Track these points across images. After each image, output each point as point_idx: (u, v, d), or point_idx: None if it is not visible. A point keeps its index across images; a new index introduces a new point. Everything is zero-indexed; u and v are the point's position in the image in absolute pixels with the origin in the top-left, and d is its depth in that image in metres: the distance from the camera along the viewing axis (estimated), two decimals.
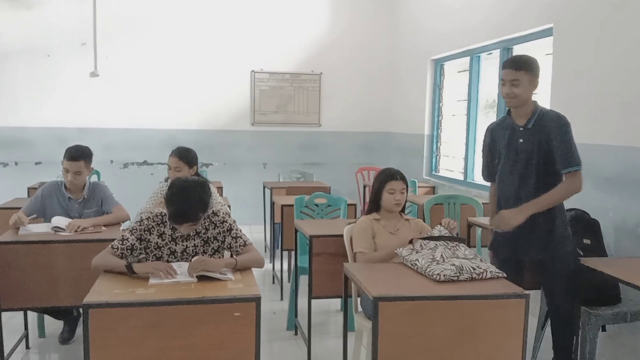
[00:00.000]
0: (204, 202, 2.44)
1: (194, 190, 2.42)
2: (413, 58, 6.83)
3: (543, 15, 4.25)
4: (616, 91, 3.54)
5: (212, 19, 7.06)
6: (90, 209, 3.50)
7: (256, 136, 7.37)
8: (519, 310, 2.18)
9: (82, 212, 3.46)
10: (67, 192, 3.45)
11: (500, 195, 3.03)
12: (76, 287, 2.97)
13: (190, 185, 2.45)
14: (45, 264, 2.93)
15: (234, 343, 2.07)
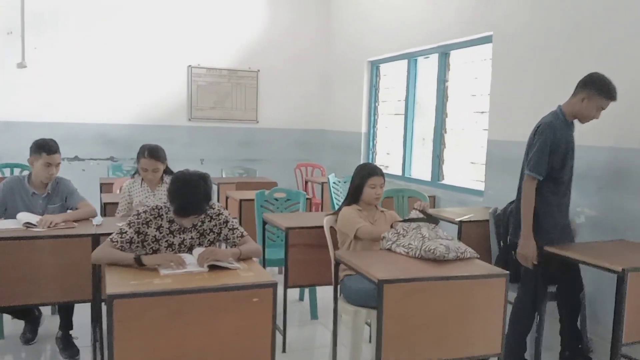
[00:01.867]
0: (207, 194, 2.50)
1: (197, 183, 2.48)
2: (350, 59, 7.10)
3: (483, 24, 4.65)
4: (551, 94, 3.95)
5: (149, 11, 6.91)
6: (55, 204, 3.39)
7: (193, 132, 7.30)
8: (501, 287, 2.46)
9: (45, 207, 3.35)
10: (31, 187, 3.32)
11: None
12: (55, 284, 2.92)
13: (194, 179, 2.49)
14: (22, 261, 2.84)
15: (252, 328, 2.17)
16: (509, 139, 4.38)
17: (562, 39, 3.86)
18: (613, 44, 3.48)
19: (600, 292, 3.43)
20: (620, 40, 3.43)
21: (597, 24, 3.59)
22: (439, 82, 5.42)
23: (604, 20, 3.54)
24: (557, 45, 3.91)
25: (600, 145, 3.52)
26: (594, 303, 3.51)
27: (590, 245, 3.12)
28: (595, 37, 3.61)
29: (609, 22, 3.50)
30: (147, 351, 2.04)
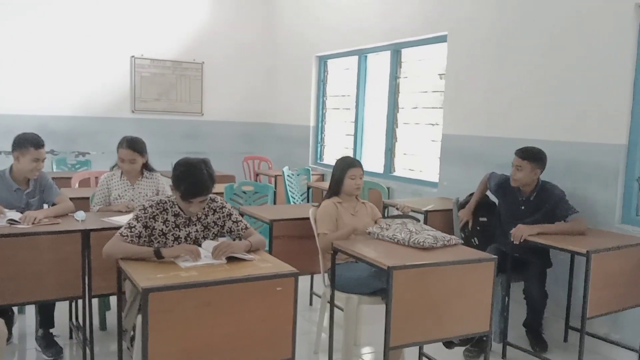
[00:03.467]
0: (211, 175, 2.54)
1: (200, 165, 2.52)
2: (297, 53, 7.20)
3: (438, 24, 4.93)
4: (504, 92, 4.32)
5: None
6: (35, 197, 3.28)
7: (137, 124, 7.08)
8: (489, 271, 2.71)
9: (27, 202, 3.23)
10: (14, 182, 3.17)
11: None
12: (44, 281, 2.84)
13: (196, 162, 2.54)
14: (8, 259, 2.73)
15: (276, 315, 2.26)
16: (462, 133, 4.70)
17: (514, 39, 4.20)
18: (561, 44, 3.84)
19: (552, 274, 3.80)
20: (567, 40, 3.80)
21: (546, 25, 3.94)
22: (391, 78, 5.67)
23: (552, 22, 3.90)
24: (509, 46, 4.24)
25: (558, 139, 3.88)
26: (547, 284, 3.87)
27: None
28: (544, 37, 3.96)
29: (557, 24, 3.87)
30: (178, 341, 2.08)
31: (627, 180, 3.51)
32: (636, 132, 3.46)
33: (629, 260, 3.18)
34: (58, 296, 2.94)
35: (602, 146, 3.60)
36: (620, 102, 3.50)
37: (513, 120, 4.24)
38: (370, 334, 3.56)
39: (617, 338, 3.50)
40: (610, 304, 3.14)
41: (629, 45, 3.44)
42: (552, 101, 3.93)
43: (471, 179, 4.47)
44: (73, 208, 3.30)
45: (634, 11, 3.41)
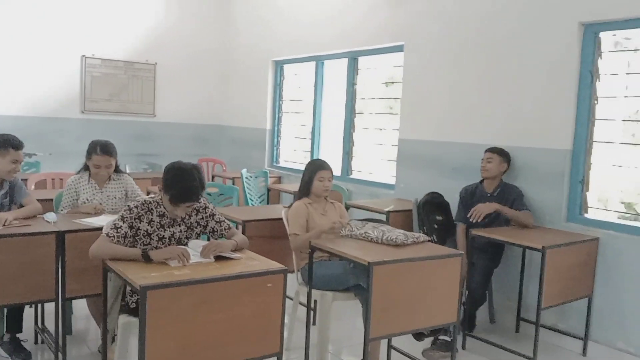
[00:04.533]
0: (202, 181, 2.60)
1: (191, 171, 2.58)
2: (253, 58, 7.24)
3: (394, 34, 5.15)
4: (458, 100, 4.58)
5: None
6: (6, 198, 3.20)
7: (87, 125, 6.92)
8: (457, 265, 2.91)
9: (1, 203, 3.16)
10: None
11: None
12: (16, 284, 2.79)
13: (188, 167, 2.59)
14: None
15: (266, 311, 2.35)
16: (418, 138, 4.93)
17: (467, 50, 4.47)
18: (512, 56, 4.14)
19: (504, 269, 4.08)
20: (517, 53, 4.09)
21: (497, 38, 4.23)
22: (348, 84, 5.85)
23: (502, 35, 4.19)
24: (462, 56, 4.51)
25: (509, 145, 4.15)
26: (498, 279, 4.14)
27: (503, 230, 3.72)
28: (496, 49, 4.24)
29: (508, 38, 4.16)
30: (175, 337, 2.13)
31: (572, 183, 3.83)
32: (580, 138, 3.79)
33: (576, 256, 3.48)
34: (30, 299, 2.91)
35: (549, 151, 3.91)
36: (566, 111, 3.81)
37: (466, 126, 4.51)
38: (338, 330, 3.69)
39: (563, 327, 3.81)
40: (561, 296, 3.43)
41: (573, 59, 3.76)
42: (504, 109, 4.22)
43: (426, 181, 4.73)
44: (41, 209, 3.25)
45: (577, 28, 3.74)
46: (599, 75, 3.73)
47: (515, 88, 4.13)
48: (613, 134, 3.74)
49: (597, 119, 3.76)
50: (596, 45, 3.72)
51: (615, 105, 3.71)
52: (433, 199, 4.36)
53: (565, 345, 3.76)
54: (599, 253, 3.61)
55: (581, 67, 3.76)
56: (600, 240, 3.61)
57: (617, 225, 3.63)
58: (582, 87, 3.76)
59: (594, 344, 3.64)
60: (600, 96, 3.73)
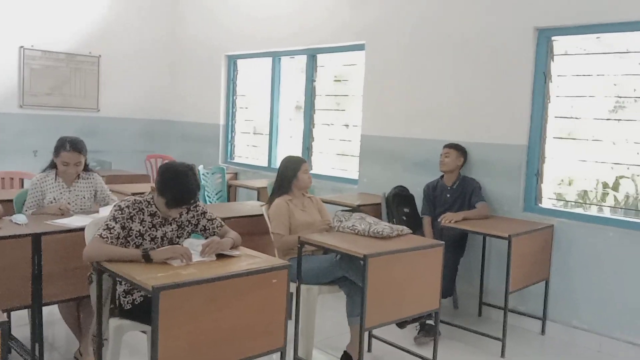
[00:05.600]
0: (198, 183, 2.58)
1: (187, 173, 2.54)
2: (204, 52, 7.12)
3: (355, 33, 5.24)
4: (419, 97, 4.76)
5: None
6: None
7: (26, 120, 6.56)
8: (439, 255, 3.07)
9: None
10: None
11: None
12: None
13: (183, 169, 2.55)
14: None
15: (271, 306, 2.39)
16: (380, 134, 5.08)
17: (428, 49, 4.65)
18: (471, 56, 4.36)
19: (466, 257, 4.30)
20: (476, 53, 4.32)
21: (457, 38, 4.43)
22: (307, 81, 5.90)
23: (462, 35, 4.40)
24: (423, 55, 4.69)
25: (468, 141, 4.37)
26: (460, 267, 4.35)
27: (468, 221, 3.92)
28: (456, 49, 4.45)
29: (467, 38, 4.37)
30: (187, 336, 2.13)
31: (528, 175, 4.10)
32: (535, 134, 4.06)
33: (535, 243, 3.75)
34: (3, 307, 2.75)
35: (506, 147, 4.17)
36: (521, 109, 4.08)
37: (428, 123, 4.70)
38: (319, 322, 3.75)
39: (523, 309, 4.08)
40: (524, 280, 3.69)
41: (528, 60, 4.03)
42: (463, 106, 4.44)
43: (389, 176, 4.88)
44: (2, 211, 3.07)
45: (532, 33, 4.00)
46: (551, 77, 4.00)
47: (474, 87, 4.35)
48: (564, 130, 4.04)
49: (550, 117, 4.04)
50: (549, 49, 3.99)
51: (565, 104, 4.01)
52: (400, 192, 4.52)
53: (526, 325, 4.04)
54: (554, 239, 3.91)
55: (535, 68, 4.03)
56: (554, 228, 3.90)
57: (570, 213, 3.94)
58: (537, 87, 4.03)
59: (551, 323, 3.95)
60: (552, 95, 4.02)
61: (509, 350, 3.59)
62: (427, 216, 4.25)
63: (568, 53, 4.01)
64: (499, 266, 4.06)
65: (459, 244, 4.14)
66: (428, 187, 4.33)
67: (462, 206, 4.09)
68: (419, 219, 4.40)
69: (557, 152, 4.04)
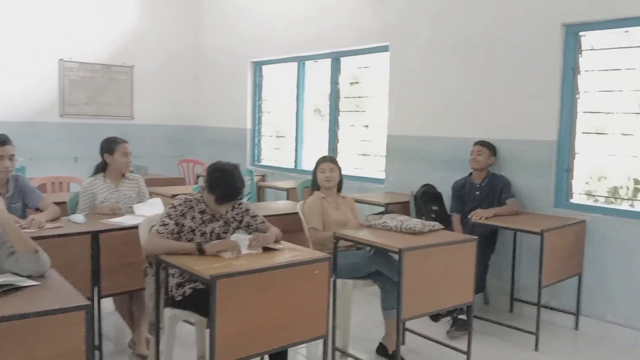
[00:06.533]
0: (243, 181, 2.74)
1: (234, 171, 2.71)
2: (230, 58, 7.33)
3: (380, 34, 5.37)
4: (445, 95, 4.85)
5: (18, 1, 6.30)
6: (16, 203, 3.21)
7: (66, 128, 6.85)
8: (472, 249, 3.16)
9: (9, 206, 3.14)
10: None
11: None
12: None
13: (231, 168, 2.72)
14: None
15: (314, 295, 2.51)
16: (407, 133, 5.19)
17: (453, 49, 4.75)
18: (498, 55, 4.44)
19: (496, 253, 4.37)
20: (502, 51, 4.40)
21: (483, 36, 4.52)
22: (332, 84, 6.04)
23: (488, 33, 4.48)
24: (448, 55, 4.79)
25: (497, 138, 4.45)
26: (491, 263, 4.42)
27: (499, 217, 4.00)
28: (482, 47, 4.54)
29: (494, 36, 4.46)
30: (240, 322, 2.28)
31: (559, 171, 4.16)
32: (564, 130, 4.12)
33: (567, 237, 3.81)
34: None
35: (536, 143, 4.23)
36: (550, 104, 4.14)
37: (454, 121, 4.79)
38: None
39: (555, 305, 4.13)
40: (556, 275, 3.74)
41: (556, 56, 4.09)
42: (491, 104, 4.51)
43: (416, 175, 4.98)
44: (59, 213, 3.27)
45: (559, 28, 4.07)
46: (579, 72, 4.07)
47: (502, 85, 4.43)
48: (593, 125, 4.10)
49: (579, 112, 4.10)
50: (577, 44, 4.05)
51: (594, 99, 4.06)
52: (429, 190, 4.62)
53: (559, 320, 4.09)
54: (587, 234, 3.95)
55: (564, 64, 4.09)
56: (587, 223, 3.95)
57: (602, 208, 3.99)
58: (565, 82, 4.09)
59: (585, 318, 3.98)
60: (581, 91, 4.08)
61: (542, 344, 3.64)
62: (457, 214, 4.33)
63: (596, 48, 4.06)
64: (530, 262, 4.12)
65: (489, 241, 4.21)
66: (456, 184, 4.41)
67: (492, 203, 4.16)
68: (447, 216, 4.49)
69: (587, 147, 4.09)
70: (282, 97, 6.88)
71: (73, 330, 1.75)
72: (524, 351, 3.63)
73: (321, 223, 3.52)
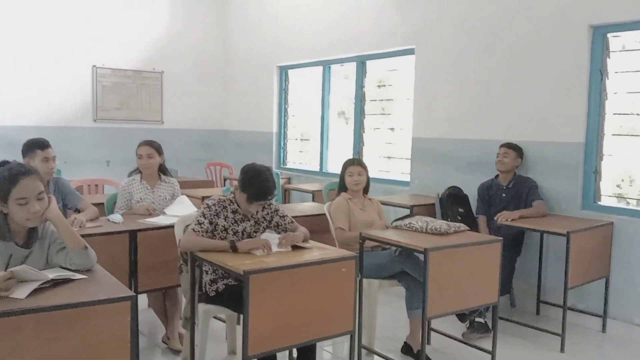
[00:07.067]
0: (274, 182, 2.85)
1: (267, 173, 2.82)
2: (257, 63, 7.47)
3: (405, 37, 5.43)
4: (470, 98, 4.88)
5: (52, 9, 6.56)
6: (57, 204, 3.35)
7: (99, 133, 7.07)
8: (497, 250, 3.19)
9: None
10: None
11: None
12: None
13: (263, 169, 2.84)
14: None
15: (341, 292, 2.59)
16: (432, 136, 5.23)
17: (478, 52, 4.78)
18: (523, 57, 4.46)
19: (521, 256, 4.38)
20: (528, 53, 4.42)
21: (509, 39, 4.55)
22: (357, 87, 6.12)
23: (515, 35, 4.51)
24: (474, 58, 4.82)
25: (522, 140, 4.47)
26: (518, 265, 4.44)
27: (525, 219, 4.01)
28: (507, 50, 4.56)
29: (519, 38, 4.48)
30: (271, 316, 2.38)
31: (586, 173, 4.16)
32: (592, 132, 4.11)
33: (594, 239, 3.81)
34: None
35: (563, 144, 4.24)
36: (578, 106, 4.14)
37: (480, 123, 4.81)
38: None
39: (582, 307, 4.13)
40: (583, 277, 3.74)
41: (584, 58, 4.09)
42: (516, 106, 4.53)
43: (441, 177, 5.02)
44: (98, 213, 3.42)
45: (587, 30, 4.08)
46: (607, 74, 4.07)
47: (527, 86, 4.45)
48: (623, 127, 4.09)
49: (607, 114, 4.10)
50: (605, 46, 4.06)
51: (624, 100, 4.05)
52: (454, 192, 4.65)
53: (586, 323, 4.07)
54: (614, 236, 3.94)
55: (591, 66, 4.10)
56: (614, 225, 3.94)
57: (630, 210, 3.97)
58: (593, 84, 4.09)
59: (612, 321, 3.97)
60: (609, 92, 4.07)
61: (568, 346, 3.64)
62: (482, 216, 4.36)
63: (625, 49, 4.05)
64: (556, 264, 4.12)
65: (515, 244, 4.23)
66: (482, 187, 4.44)
67: (518, 205, 4.18)
68: (473, 218, 4.51)
69: (616, 149, 4.08)
70: (307, 101, 7.00)
71: (120, 319, 1.88)
72: (549, 353, 3.64)
73: (347, 223, 3.60)
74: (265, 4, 7.35)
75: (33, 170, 2.19)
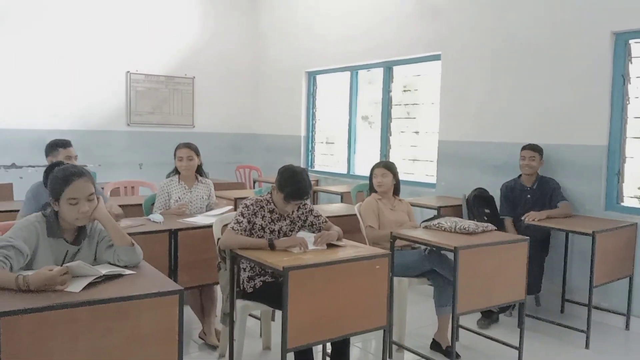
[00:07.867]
0: (310, 183, 3.01)
1: (303, 173, 2.98)
2: (286, 69, 7.67)
3: (431, 43, 5.56)
4: (496, 103, 5.00)
5: (88, 17, 6.84)
6: None
7: (132, 137, 7.33)
8: (524, 249, 3.31)
9: None
10: None
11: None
12: None
13: (300, 170, 3.00)
14: None
15: (375, 288, 2.75)
16: (458, 139, 5.35)
17: (504, 57, 4.89)
18: (548, 62, 4.56)
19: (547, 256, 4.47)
20: (552, 58, 4.52)
21: (533, 44, 4.65)
22: (384, 92, 6.27)
23: (539, 41, 4.61)
24: (499, 63, 4.93)
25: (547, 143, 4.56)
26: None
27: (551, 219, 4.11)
28: (532, 55, 4.66)
29: (543, 44, 4.58)
30: (309, 310, 2.53)
31: (609, 175, 4.25)
32: (615, 134, 4.20)
33: (619, 239, 3.89)
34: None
35: (586, 147, 4.33)
36: (600, 111, 4.23)
37: (505, 127, 4.92)
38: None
39: (606, 306, 4.21)
40: (607, 276, 3.83)
41: (606, 64, 4.19)
42: (541, 110, 4.63)
43: (467, 179, 5.14)
44: (123, 213, 3.60)
45: (609, 37, 4.16)
46: (629, 79, 4.15)
47: (552, 92, 4.54)
48: None
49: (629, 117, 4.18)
50: (627, 52, 4.14)
51: None
52: (481, 193, 4.76)
53: (609, 321, 4.16)
54: (638, 237, 4.02)
55: (613, 71, 4.18)
56: (638, 226, 4.02)
57: None
58: (615, 89, 4.18)
59: (635, 319, 4.05)
60: (631, 97, 4.15)
61: (592, 343, 3.74)
62: (508, 217, 4.45)
63: None
64: (581, 264, 4.21)
65: (543, 244, 4.32)
66: (506, 187, 4.52)
67: (543, 206, 4.27)
68: (499, 219, 4.61)
69: (638, 151, 4.15)
70: (333, 105, 7.16)
71: (169, 312, 2.01)
72: (575, 349, 3.73)
73: (377, 222, 3.75)
74: (295, 13, 7.54)
75: (86, 172, 2.30)
